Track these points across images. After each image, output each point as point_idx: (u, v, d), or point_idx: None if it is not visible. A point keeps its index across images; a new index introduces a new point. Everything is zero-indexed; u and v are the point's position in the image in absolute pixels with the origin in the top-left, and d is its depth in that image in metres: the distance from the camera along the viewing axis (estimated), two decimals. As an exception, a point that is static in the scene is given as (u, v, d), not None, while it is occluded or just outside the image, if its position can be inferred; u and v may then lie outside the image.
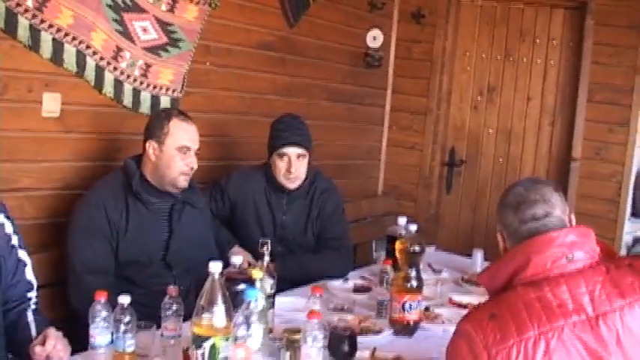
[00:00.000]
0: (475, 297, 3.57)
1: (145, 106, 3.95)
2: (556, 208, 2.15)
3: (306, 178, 3.96)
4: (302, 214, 4.01)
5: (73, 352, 2.59)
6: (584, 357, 1.91)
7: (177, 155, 3.35)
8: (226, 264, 2.36)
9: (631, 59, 5.26)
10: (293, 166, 3.86)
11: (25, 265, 2.81)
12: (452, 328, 3.07)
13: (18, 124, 3.44)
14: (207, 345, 2.21)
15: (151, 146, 3.37)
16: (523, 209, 2.14)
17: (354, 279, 3.82)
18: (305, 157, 3.91)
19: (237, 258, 2.65)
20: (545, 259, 2.04)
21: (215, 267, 2.25)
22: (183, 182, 3.40)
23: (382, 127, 6.15)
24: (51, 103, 3.56)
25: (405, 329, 3.04)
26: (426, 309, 3.26)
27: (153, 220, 3.40)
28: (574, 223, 2.19)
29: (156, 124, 3.40)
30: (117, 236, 3.31)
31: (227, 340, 2.22)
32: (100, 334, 2.48)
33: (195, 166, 3.41)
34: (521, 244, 2.10)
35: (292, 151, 3.86)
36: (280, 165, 3.87)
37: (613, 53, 5.33)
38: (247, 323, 2.22)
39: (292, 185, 3.92)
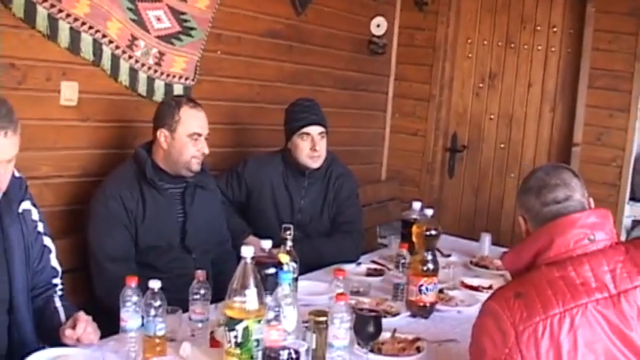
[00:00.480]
0: (485, 280, 3.67)
1: (159, 94, 4.00)
2: (576, 191, 2.22)
3: (323, 163, 4.05)
4: (319, 198, 4.10)
5: (101, 336, 2.66)
6: (606, 332, 1.99)
7: (189, 142, 3.42)
8: (238, 252, 2.39)
9: (631, 46, 5.31)
10: (317, 144, 3.96)
11: (50, 251, 2.85)
12: (467, 310, 3.22)
13: (37, 112, 3.49)
14: (240, 327, 2.27)
15: (163, 134, 3.43)
16: (545, 193, 2.22)
17: (365, 263, 3.90)
18: (325, 136, 4.01)
19: (267, 242, 2.71)
20: (568, 240, 2.11)
21: (247, 252, 2.30)
22: (196, 165, 3.47)
23: (385, 113, 6.22)
24: (69, 92, 3.61)
25: (422, 311, 3.12)
26: (440, 291, 3.33)
27: (168, 205, 3.47)
28: (593, 206, 2.27)
29: (166, 112, 3.46)
30: (135, 224, 3.38)
31: (259, 322, 2.28)
32: (130, 317, 2.52)
33: (207, 151, 3.48)
34: (545, 226, 2.17)
35: (314, 129, 3.96)
36: (303, 145, 3.96)
37: (613, 40, 5.37)
38: (280, 306, 2.28)
39: (316, 164, 4.01)
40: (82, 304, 3.12)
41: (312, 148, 3.96)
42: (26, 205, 2.77)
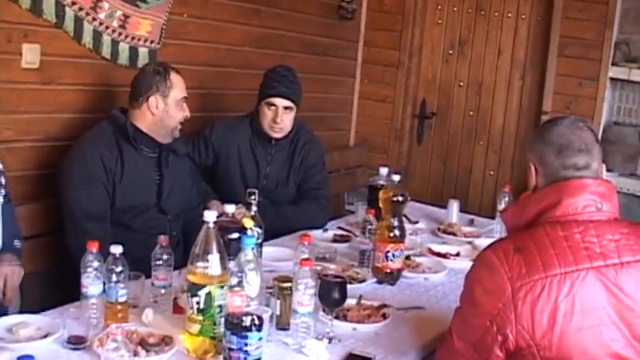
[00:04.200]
0: (452, 247, 3.67)
1: (124, 58, 3.93)
2: (595, 159, 2.17)
3: (291, 130, 4.01)
4: (285, 165, 4.08)
5: (67, 300, 2.63)
6: (603, 302, 1.99)
7: (179, 107, 3.49)
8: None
9: (601, 14, 5.27)
10: (279, 117, 3.93)
11: None
12: (433, 277, 3.21)
13: (-2, 75, 3.42)
14: (202, 293, 2.24)
15: (155, 100, 3.44)
16: (567, 155, 2.15)
17: (332, 229, 3.88)
18: (292, 111, 3.98)
19: (230, 207, 2.68)
20: (577, 203, 2.09)
21: (210, 216, 2.27)
22: (177, 131, 3.55)
23: (354, 79, 6.16)
24: (30, 54, 3.53)
25: (389, 278, 3.11)
26: (407, 258, 3.31)
27: (145, 166, 3.50)
28: (604, 174, 2.22)
29: (157, 79, 3.46)
30: (113, 183, 3.38)
31: (222, 288, 2.25)
32: (91, 284, 2.50)
33: (188, 115, 3.56)
34: (556, 184, 2.14)
35: (280, 102, 3.93)
36: (267, 113, 3.94)
37: (583, 8, 5.33)
38: (244, 271, 2.25)
39: (276, 135, 3.99)
40: (51, 268, 3.10)
41: (273, 119, 3.94)
42: None
